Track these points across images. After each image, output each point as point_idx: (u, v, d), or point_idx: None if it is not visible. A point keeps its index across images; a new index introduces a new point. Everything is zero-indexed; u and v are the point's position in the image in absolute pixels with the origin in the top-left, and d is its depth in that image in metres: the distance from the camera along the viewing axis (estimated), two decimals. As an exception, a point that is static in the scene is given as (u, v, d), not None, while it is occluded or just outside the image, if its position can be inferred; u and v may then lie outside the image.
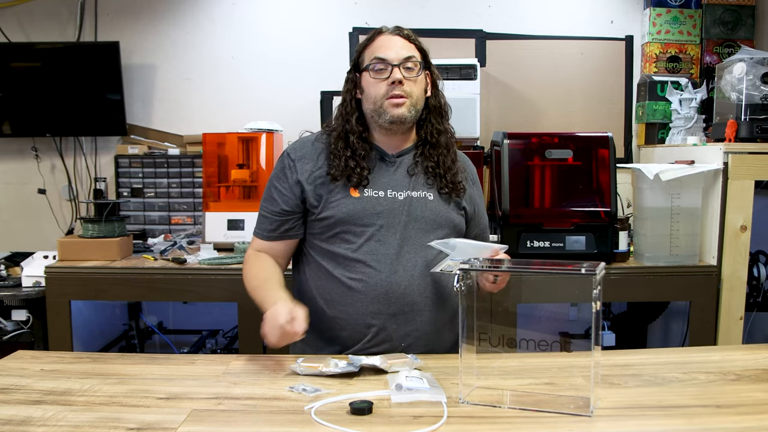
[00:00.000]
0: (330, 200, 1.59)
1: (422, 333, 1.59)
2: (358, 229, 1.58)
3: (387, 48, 1.58)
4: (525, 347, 1.45)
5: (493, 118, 3.23)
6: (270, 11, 3.29)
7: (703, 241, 2.58)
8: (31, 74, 3.20)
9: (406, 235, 1.58)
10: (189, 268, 2.57)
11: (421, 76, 1.61)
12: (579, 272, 1.19)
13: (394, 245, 1.57)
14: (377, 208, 1.58)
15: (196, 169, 3.17)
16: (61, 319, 2.54)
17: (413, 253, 1.59)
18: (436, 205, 1.63)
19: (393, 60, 1.56)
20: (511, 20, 3.27)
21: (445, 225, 1.63)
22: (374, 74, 1.58)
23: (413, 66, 1.58)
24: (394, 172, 1.63)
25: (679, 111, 2.94)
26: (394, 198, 1.60)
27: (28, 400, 1.26)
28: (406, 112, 1.58)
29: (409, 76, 1.57)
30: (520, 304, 1.56)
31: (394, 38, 1.60)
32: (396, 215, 1.59)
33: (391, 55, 1.57)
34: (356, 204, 1.58)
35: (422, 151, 1.65)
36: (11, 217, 3.37)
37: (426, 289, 1.59)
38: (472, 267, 1.31)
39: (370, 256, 1.57)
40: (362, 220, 1.58)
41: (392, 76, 1.56)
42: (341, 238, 1.59)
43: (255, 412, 1.21)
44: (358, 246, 1.58)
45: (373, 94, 1.58)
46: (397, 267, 1.57)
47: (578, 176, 2.61)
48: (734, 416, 1.17)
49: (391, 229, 1.58)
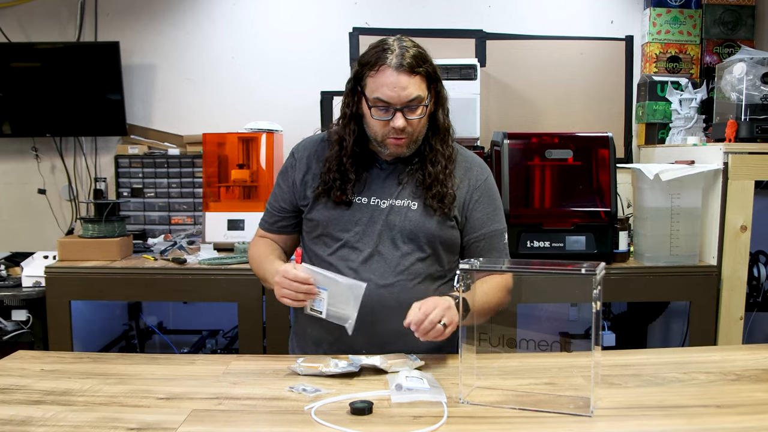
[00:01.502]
0: (316, 203, 1.63)
1: (383, 343, 1.56)
2: (336, 234, 1.61)
3: (390, 89, 1.50)
4: (525, 347, 1.45)
5: (493, 118, 3.22)
6: (270, 11, 3.29)
7: (703, 241, 2.58)
8: (31, 74, 3.19)
9: (379, 242, 1.58)
10: (189, 268, 2.57)
11: (424, 117, 1.57)
12: (579, 272, 1.19)
13: (365, 253, 1.58)
14: (357, 215, 1.60)
15: (196, 169, 3.17)
16: (61, 319, 2.54)
17: (381, 262, 1.58)
18: (417, 216, 1.59)
19: (396, 104, 1.51)
20: (511, 20, 3.27)
21: (423, 236, 1.59)
22: (376, 113, 1.54)
23: (416, 107, 1.53)
24: (384, 180, 1.63)
25: (679, 111, 2.94)
26: (376, 206, 1.60)
27: (28, 400, 1.26)
28: (406, 149, 1.58)
29: (411, 117, 1.53)
30: (520, 304, 1.56)
31: (400, 78, 1.50)
32: (374, 223, 1.59)
33: (394, 98, 1.50)
34: (338, 210, 1.61)
35: (418, 163, 1.62)
36: (11, 217, 3.37)
37: (389, 300, 1.56)
38: (471, 267, 1.31)
39: (341, 262, 1.59)
40: (340, 225, 1.60)
41: (394, 121, 1.52)
42: (322, 241, 1.63)
43: (255, 412, 1.21)
44: (333, 250, 1.61)
45: (374, 129, 1.57)
46: (363, 274, 1.56)
47: (578, 176, 2.61)
48: (734, 416, 1.17)
49: (366, 237, 1.59)
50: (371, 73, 1.53)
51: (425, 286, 1.59)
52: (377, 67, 1.51)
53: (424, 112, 1.56)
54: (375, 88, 1.52)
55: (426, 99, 1.54)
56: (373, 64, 1.52)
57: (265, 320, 2.56)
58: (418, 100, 1.52)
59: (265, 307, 2.54)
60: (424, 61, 1.54)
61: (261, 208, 2.77)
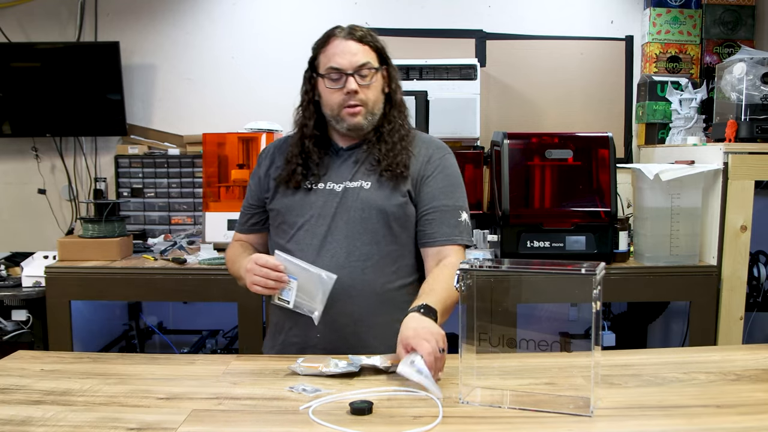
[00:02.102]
0: (276, 193, 1.67)
1: (339, 325, 1.58)
2: (292, 220, 1.64)
3: (341, 56, 1.57)
4: (525, 347, 1.45)
5: (493, 118, 3.22)
6: (270, 11, 3.29)
7: (703, 241, 2.58)
8: (31, 74, 3.19)
9: (333, 225, 1.60)
10: (189, 268, 2.57)
11: (377, 78, 1.62)
12: (579, 272, 1.19)
13: (319, 236, 1.60)
14: (312, 200, 1.63)
15: (196, 169, 3.17)
16: (61, 319, 2.54)
17: (335, 243, 1.59)
18: (370, 194, 1.61)
19: (347, 69, 1.57)
20: (511, 20, 3.27)
21: (375, 214, 1.60)
22: (330, 83, 1.59)
23: (368, 73, 1.59)
24: (341, 165, 1.65)
25: (679, 111, 2.94)
26: (331, 190, 1.62)
27: (28, 400, 1.26)
28: (363, 120, 1.61)
29: (363, 83, 1.58)
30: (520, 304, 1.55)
31: (348, 43, 1.59)
32: (329, 207, 1.61)
33: (345, 64, 1.57)
34: (295, 197, 1.64)
35: (374, 143, 1.64)
36: (11, 217, 3.37)
37: (343, 282, 1.56)
38: (472, 267, 1.31)
39: (296, 246, 1.61)
40: (296, 211, 1.63)
41: (347, 86, 1.57)
42: (281, 229, 1.67)
43: (255, 412, 1.21)
44: (290, 236, 1.64)
45: (329, 102, 1.61)
46: (317, 258, 1.58)
47: (578, 176, 2.61)
48: (734, 416, 1.17)
49: (320, 220, 1.61)
50: (323, 50, 1.62)
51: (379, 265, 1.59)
52: (327, 41, 1.61)
53: (376, 79, 1.60)
54: (327, 60, 1.60)
55: (377, 67, 1.60)
56: (323, 42, 1.63)
57: (265, 320, 2.56)
58: (368, 66, 1.58)
59: (265, 307, 2.54)
60: (373, 37, 1.63)
61: (261, 208, 2.81)
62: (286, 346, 1.64)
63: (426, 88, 2.82)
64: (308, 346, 1.60)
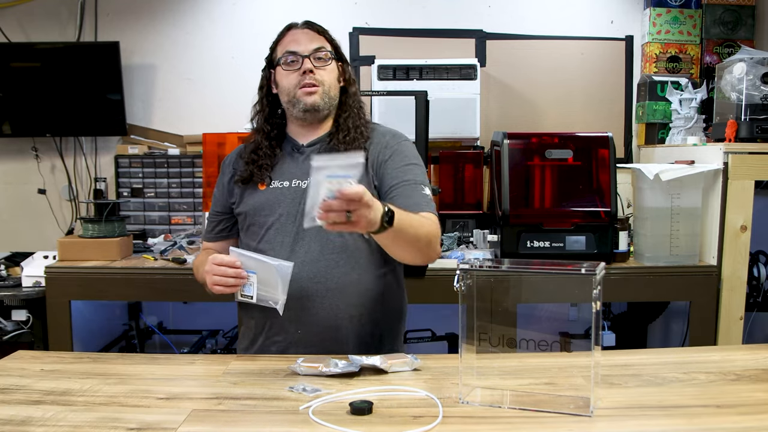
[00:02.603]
0: (242, 196, 1.68)
1: (316, 320, 1.58)
2: (261, 220, 1.64)
3: (297, 42, 1.63)
4: (525, 347, 1.45)
5: (493, 118, 3.22)
6: (270, 11, 3.29)
7: (703, 241, 2.58)
8: (31, 74, 3.19)
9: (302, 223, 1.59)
10: (189, 268, 2.57)
11: (333, 66, 1.65)
12: (579, 272, 1.19)
13: (290, 233, 1.60)
14: (279, 198, 1.63)
15: (196, 169, 3.17)
16: (61, 319, 2.54)
17: (308, 239, 1.59)
18: None
19: (303, 51, 1.62)
20: (511, 20, 3.27)
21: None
22: (286, 67, 1.63)
23: (324, 56, 1.63)
24: (303, 162, 1.65)
25: (679, 111, 2.94)
26: (297, 187, 1.63)
27: (28, 400, 1.26)
28: (319, 100, 1.62)
29: (319, 65, 1.62)
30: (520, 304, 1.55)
31: (304, 32, 1.65)
32: (295, 204, 1.61)
33: (300, 47, 1.62)
34: (261, 197, 1.65)
35: (333, 139, 1.65)
36: (11, 217, 3.37)
37: (318, 276, 1.57)
38: (471, 267, 1.31)
39: (268, 245, 1.62)
40: (265, 211, 1.64)
41: (303, 66, 1.61)
42: (251, 231, 1.67)
43: (255, 412, 1.21)
44: (261, 237, 1.64)
45: (286, 85, 1.64)
46: (290, 255, 1.58)
47: (578, 176, 2.61)
48: (734, 416, 1.17)
49: (290, 218, 1.61)
50: (279, 43, 1.67)
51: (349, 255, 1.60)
52: (284, 34, 1.67)
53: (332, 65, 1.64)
54: (284, 47, 1.64)
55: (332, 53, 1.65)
56: (280, 36, 1.68)
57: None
58: (324, 50, 1.64)
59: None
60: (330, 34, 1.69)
61: (261, 208, 2.81)
62: (269, 346, 1.64)
63: (426, 88, 2.82)
64: (290, 343, 1.60)
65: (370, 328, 1.64)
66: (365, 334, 1.63)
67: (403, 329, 1.77)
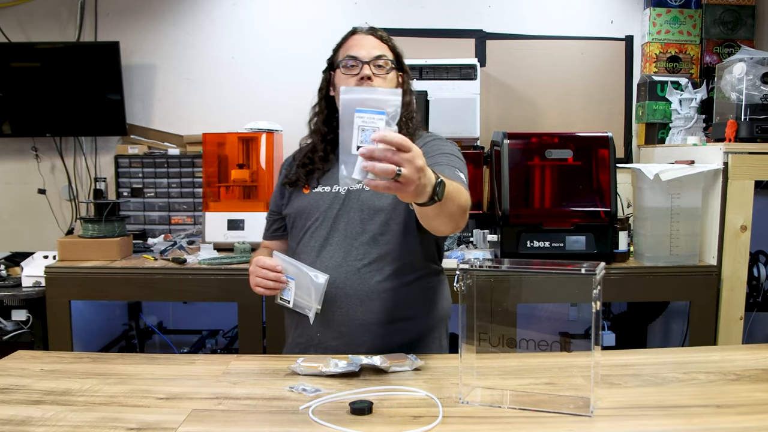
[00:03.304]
0: (289, 199, 1.73)
1: (339, 326, 1.58)
2: (300, 224, 1.67)
3: (359, 47, 1.63)
4: (525, 347, 1.45)
5: (493, 118, 3.23)
6: (270, 11, 3.29)
7: (703, 241, 2.58)
8: (31, 74, 3.19)
9: (334, 228, 1.62)
10: (189, 268, 2.57)
11: (392, 75, 1.65)
12: (579, 272, 1.19)
13: (320, 238, 1.62)
14: (319, 203, 1.65)
15: (196, 169, 3.17)
16: (61, 319, 2.54)
17: (335, 245, 1.60)
18: (369, 196, 1.61)
19: (363, 57, 1.61)
20: (511, 20, 3.27)
21: (374, 214, 1.60)
22: (345, 70, 1.63)
23: (384, 64, 1.63)
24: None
25: (679, 111, 2.94)
26: (336, 192, 1.65)
27: (28, 400, 1.26)
28: None
29: (378, 73, 1.62)
30: (520, 304, 1.55)
31: (368, 38, 1.65)
32: (332, 209, 1.63)
33: (362, 53, 1.62)
34: (303, 200, 1.68)
35: None
36: (11, 217, 3.37)
37: (341, 282, 1.57)
38: (472, 267, 1.31)
39: (302, 249, 1.65)
40: (304, 214, 1.66)
41: (362, 72, 1.60)
42: (293, 233, 1.72)
43: (255, 412, 1.21)
44: (299, 240, 1.67)
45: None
46: (316, 259, 1.60)
47: (578, 176, 2.61)
48: (734, 416, 1.17)
49: (324, 223, 1.63)
50: (342, 46, 1.67)
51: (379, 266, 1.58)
52: (348, 38, 1.67)
53: (392, 74, 1.64)
54: (345, 51, 1.65)
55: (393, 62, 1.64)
56: (343, 39, 1.68)
57: (265, 320, 2.56)
58: (385, 58, 1.63)
59: (265, 307, 2.54)
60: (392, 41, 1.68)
61: (261, 208, 2.82)
62: (293, 347, 1.67)
63: (426, 88, 2.82)
64: (311, 345, 1.62)
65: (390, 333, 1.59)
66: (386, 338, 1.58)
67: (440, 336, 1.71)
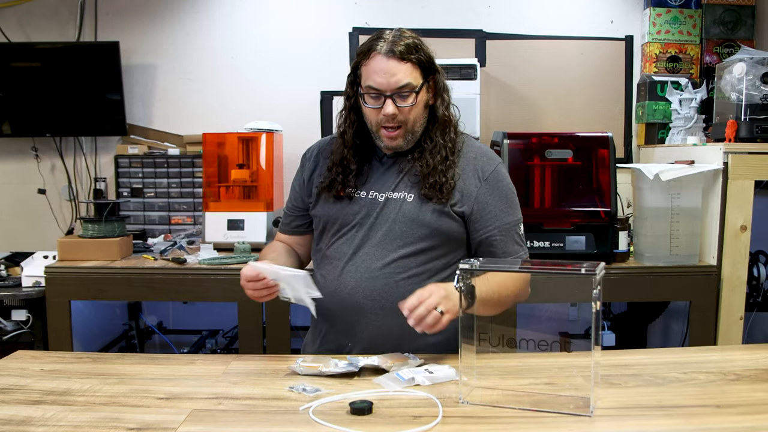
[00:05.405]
0: (319, 199, 1.66)
1: (369, 336, 1.56)
2: (333, 228, 1.63)
3: (380, 75, 1.51)
4: (525, 347, 1.45)
5: (493, 118, 3.22)
6: (270, 11, 3.29)
7: (703, 241, 2.58)
8: (31, 74, 3.19)
9: (369, 235, 1.58)
10: (189, 268, 2.57)
11: (421, 96, 1.55)
12: (579, 272, 1.19)
13: (353, 244, 1.59)
14: (354, 208, 1.60)
15: (196, 169, 3.17)
16: (61, 319, 2.54)
17: (369, 254, 1.57)
18: (411, 207, 1.57)
19: (385, 91, 1.51)
20: (511, 20, 3.27)
21: (417, 228, 1.56)
22: (369, 101, 1.55)
23: (407, 94, 1.53)
24: (384, 173, 1.62)
25: (679, 111, 2.94)
26: (374, 199, 1.60)
27: (28, 400, 1.26)
28: (402, 142, 1.58)
29: (403, 104, 1.53)
30: (520, 304, 1.55)
31: (389, 63, 1.50)
32: (369, 216, 1.59)
33: (383, 84, 1.51)
34: (337, 204, 1.62)
35: (419, 155, 1.60)
36: (11, 217, 3.37)
37: (374, 293, 1.55)
38: (472, 267, 1.31)
39: (333, 252, 1.61)
40: (339, 219, 1.62)
41: (384, 108, 1.52)
42: (323, 236, 1.66)
43: (255, 412, 1.21)
44: (329, 243, 1.63)
45: (369, 118, 1.58)
46: (349, 266, 1.57)
47: (578, 176, 2.61)
48: (734, 416, 1.17)
49: (360, 229, 1.59)
50: (364, 62, 1.54)
51: (417, 281, 1.55)
52: (369, 54, 1.53)
53: (416, 100, 1.54)
54: (367, 76, 1.53)
55: (417, 87, 1.53)
56: (366, 53, 1.54)
57: (265, 320, 2.56)
58: (408, 87, 1.52)
59: (265, 307, 2.54)
60: (417, 50, 1.54)
61: (261, 208, 2.82)
62: (322, 352, 1.62)
63: (426, 88, 2.82)
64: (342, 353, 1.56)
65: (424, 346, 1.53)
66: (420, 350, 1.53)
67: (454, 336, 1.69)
